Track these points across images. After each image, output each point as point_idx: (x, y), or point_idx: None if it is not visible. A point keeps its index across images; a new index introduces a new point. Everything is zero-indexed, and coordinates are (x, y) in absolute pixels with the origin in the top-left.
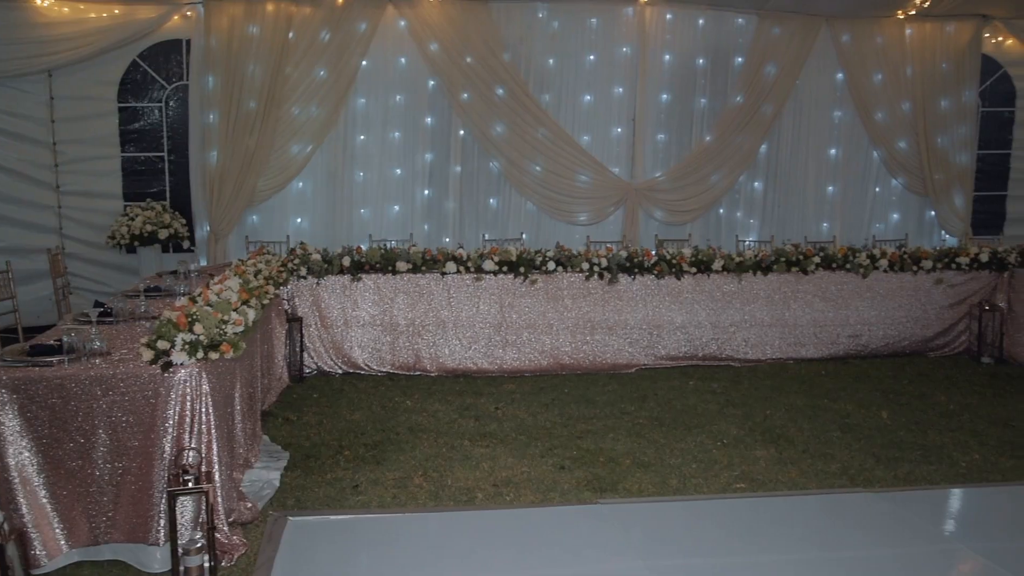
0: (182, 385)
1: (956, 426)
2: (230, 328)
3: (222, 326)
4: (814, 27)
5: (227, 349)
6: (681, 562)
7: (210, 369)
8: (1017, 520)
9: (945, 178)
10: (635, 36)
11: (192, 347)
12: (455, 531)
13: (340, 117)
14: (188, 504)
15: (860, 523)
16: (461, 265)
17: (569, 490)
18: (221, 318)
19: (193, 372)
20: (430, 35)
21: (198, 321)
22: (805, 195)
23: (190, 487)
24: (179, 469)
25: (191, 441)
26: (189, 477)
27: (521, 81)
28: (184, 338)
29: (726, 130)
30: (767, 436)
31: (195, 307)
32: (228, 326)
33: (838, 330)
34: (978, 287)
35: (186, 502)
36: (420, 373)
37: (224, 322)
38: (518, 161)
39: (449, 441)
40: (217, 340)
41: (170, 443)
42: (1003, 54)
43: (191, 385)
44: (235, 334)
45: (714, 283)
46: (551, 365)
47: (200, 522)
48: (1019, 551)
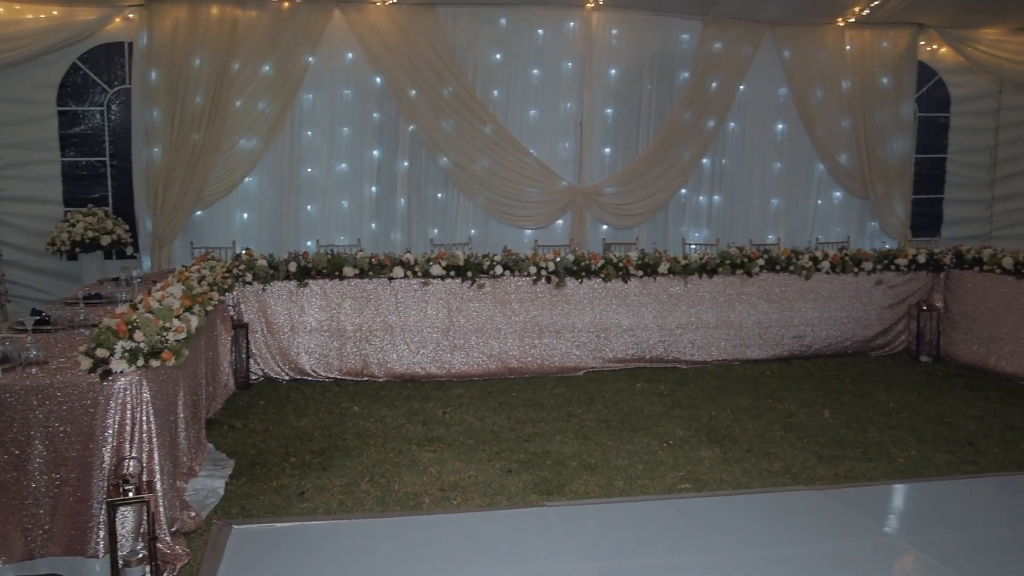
0: (122, 393)
1: (895, 423)
2: (172, 335)
3: (163, 333)
4: (757, 33)
5: (169, 357)
6: (627, 563)
7: (151, 377)
8: (950, 513)
9: (885, 181)
10: (581, 42)
11: (132, 355)
12: (402, 537)
13: (288, 117)
14: (129, 514)
15: (802, 520)
16: (408, 270)
17: (516, 493)
18: (163, 325)
19: (133, 380)
20: (377, 39)
21: (139, 328)
22: (750, 197)
23: (130, 497)
24: (119, 479)
25: (131, 450)
26: (130, 487)
27: (468, 84)
28: (124, 346)
29: (672, 133)
30: (712, 436)
31: (136, 314)
32: (170, 333)
33: (782, 331)
34: (916, 288)
35: (127, 512)
36: (368, 378)
37: (166, 329)
38: (465, 164)
39: (396, 446)
40: (158, 347)
41: (110, 453)
42: (938, 61)
43: (131, 393)
44: (177, 341)
45: (660, 286)
46: (499, 369)
47: (141, 532)
48: (952, 543)
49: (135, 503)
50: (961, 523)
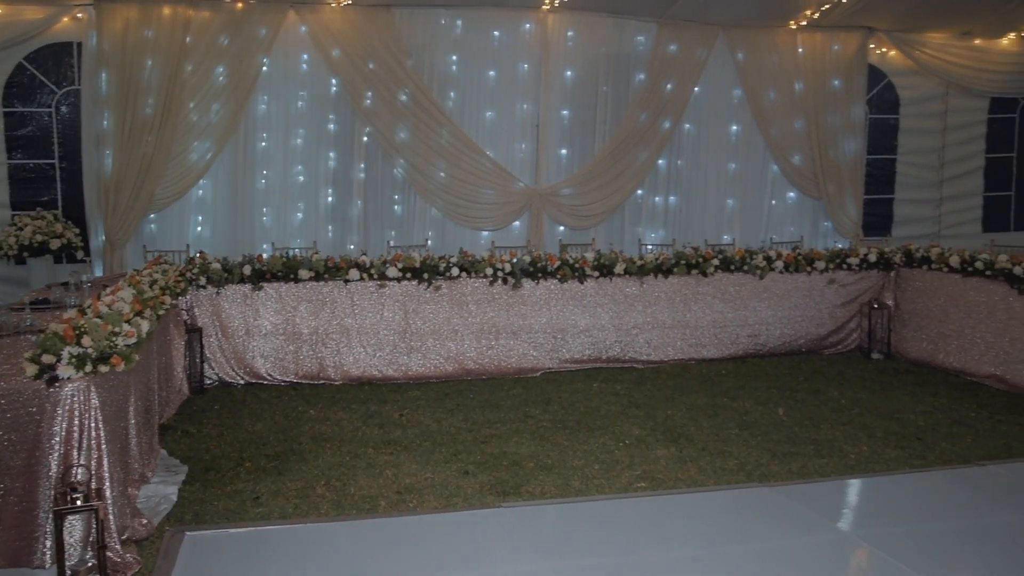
0: (69, 400)
1: (847, 420)
2: (121, 340)
3: (113, 338)
4: (711, 35)
5: (118, 362)
6: (583, 562)
7: (100, 383)
8: (900, 507)
9: (837, 182)
10: (538, 43)
11: (80, 360)
12: (358, 540)
13: (241, 121)
14: (77, 523)
15: (757, 517)
16: (364, 272)
17: (473, 495)
18: (112, 330)
19: (81, 386)
20: (332, 41)
21: (86, 333)
22: (705, 198)
23: (78, 505)
24: (66, 487)
25: (80, 458)
26: (78, 495)
27: (424, 87)
28: (71, 351)
29: (628, 134)
30: (668, 435)
31: (84, 319)
32: (119, 338)
33: (737, 330)
34: (868, 286)
35: (75, 521)
36: (324, 382)
37: (115, 334)
38: (422, 167)
39: (353, 449)
40: (107, 353)
41: (56, 461)
42: (887, 64)
43: (79, 400)
44: (127, 346)
45: (616, 286)
46: (456, 371)
47: (90, 541)
48: (902, 536)
49: (83, 511)
50: (911, 517)
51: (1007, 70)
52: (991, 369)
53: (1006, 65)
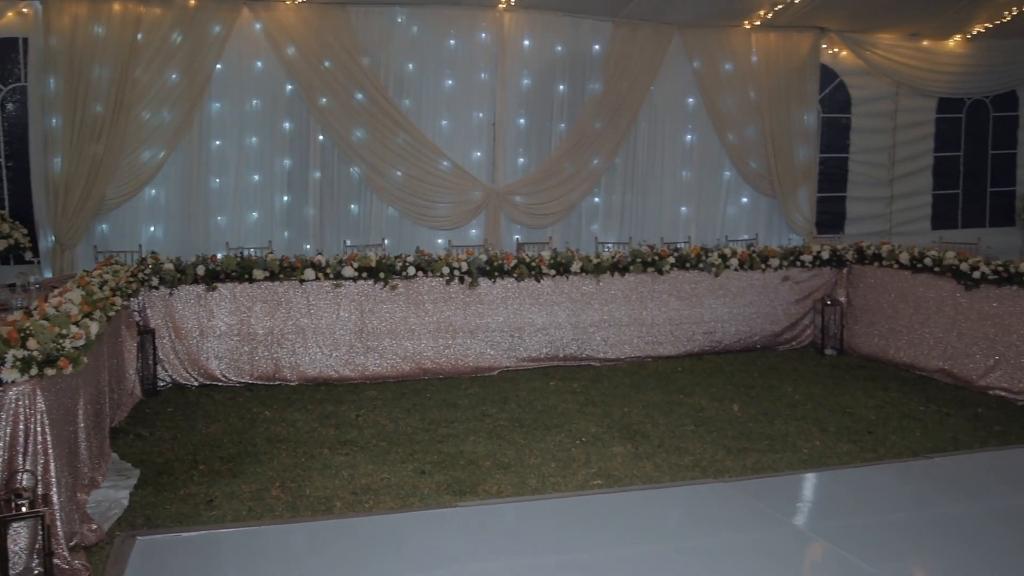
0: (14, 404)
1: (800, 415)
2: (69, 342)
3: (60, 340)
4: (667, 35)
5: (65, 364)
6: (539, 560)
7: (46, 386)
8: (852, 501)
9: (791, 180)
10: (493, 42)
11: (24, 363)
12: (313, 541)
13: (194, 122)
14: (22, 530)
15: (711, 513)
16: (320, 272)
17: (429, 494)
18: (59, 332)
19: (26, 390)
20: (287, 39)
21: (32, 336)
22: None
23: (24, 512)
24: (11, 493)
25: (25, 463)
26: (23, 501)
27: (380, 86)
28: (15, 354)
29: (584, 135)
30: (624, 433)
31: (29, 321)
32: (67, 340)
33: (693, 327)
34: (821, 283)
35: (20, 528)
36: (280, 382)
37: (62, 336)
38: (379, 166)
39: (308, 450)
40: (54, 355)
41: (1, 466)
42: (839, 64)
43: (24, 404)
44: (75, 349)
45: (573, 285)
46: (413, 370)
47: (37, 548)
48: (853, 529)
49: (28, 518)
50: (862, 510)
51: (953, 71)
52: (939, 364)
53: (952, 66)
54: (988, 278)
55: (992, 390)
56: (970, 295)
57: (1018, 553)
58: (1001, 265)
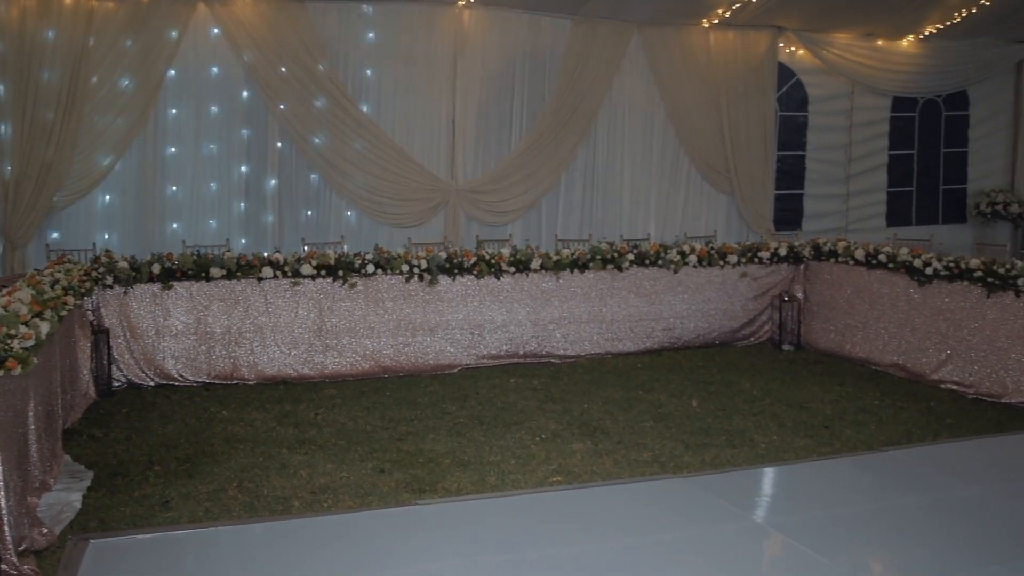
0: None
1: (758, 410)
2: (18, 343)
3: (8, 341)
4: (626, 33)
5: (14, 365)
6: (500, 558)
7: None
8: (809, 494)
9: (749, 178)
10: (453, 39)
11: None
12: (271, 542)
13: (149, 127)
14: None
15: (670, 508)
16: (278, 270)
17: (388, 493)
18: (7, 332)
19: None
20: (245, 38)
21: None
22: (621, 196)
23: None
24: None
25: None
26: None
27: (340, 84)
28: None
29: (544, 132)
30: (584, 429)
31: None
32: (15, 341)
33: (652, 324)
34: (779, 279)
35: None
36: (238, 381)
37: (11, 336)
38: (339, 164)
39: (266, 450)
40: (2, 356)
41: None
42: (796, 63)
43: None
44: (24, 349)
45: (533, 282)
46: (373, 368)
47: None
48: (809, 522)
49: None
50: (819, 503)
51: (907, 70)
52: (894, 358)
53: (906, 65)
54: (940, 274)
55: (944, 384)
56: (923, 291)
57: (968, 543)
58: (952, 261)
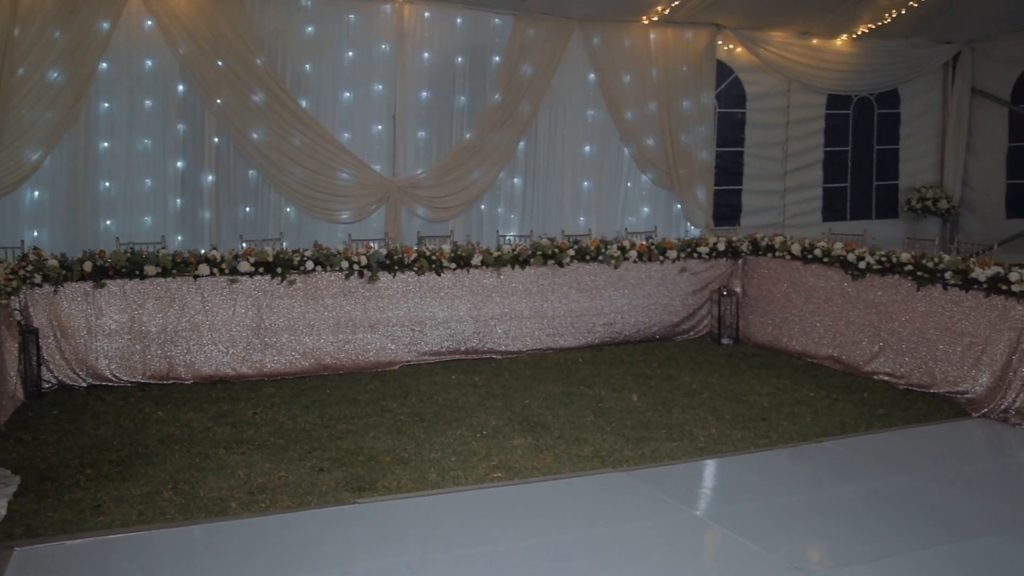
0: None
1: (697, 404)
2: None
3: None
4: (567, 29)
5: None
6: (438, 555)
7: None
8: (746, 486)
9: (689, 173)
10: (394, 34)
11: None
12: (207, 544)
13: (80, 122)
14: None
15: (610, 502)
16: (215, 267)
17: (327, 492)
18: None
19: None
20: (180, 31)
21: None
22: (563, 191)
23: None
24: None
25: None
26: None
27: (278, 78)
28: None
29: (485, 128)
30: (525, 425)
31: None
32: None
33: (594, 319)
34: (717, 274)
35: None
36: (174, 381)
37: None
38: (279, 161)
39: (203, 450)
40: None
41: None
42: (734, 60)
43: None
44: None
45: (474, 278)
46: (313, 366)
47: None
48: (747, 514)
49: None
50: (757, 494)
51: (841, 68)
52: (829, 351)
53: (840, 64)
54: (873, 268)
55: (877, 375)
56: (856, 284)
57: (899, 530)
58: (884, 255)
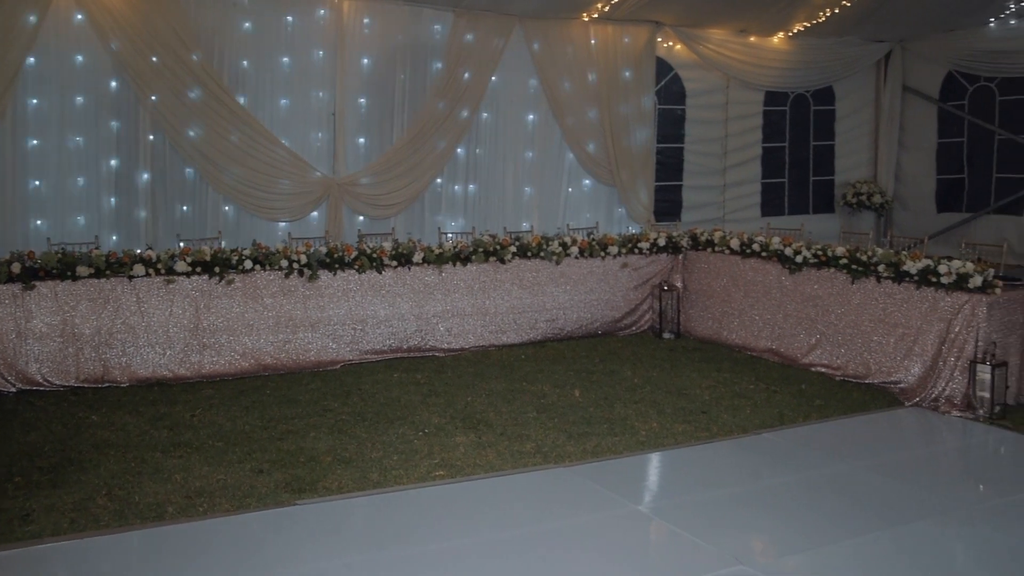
0: None
1: (639, 398)
2: None
3: None
4: (508, 26)
5: None
6: (382, 555)
7: None
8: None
9: (630, 170)
10: (333, 30)
11: None
12: (143, 551)
13: (7, 119)
14: None
15: (552, 498)
16: (150, 267)
17: (267, 494)
18: None
19: None
20: (113, 25)
21: None
22: (504, 189)
23: None
24: None
25: None
26: None
27: (215, 74)
28: None
29: (426, 126)
30: (467, 422)
31: None
32: None
33: (536, 315)
34: (658, 269)
35: None
36: (109, 384)
37: None
38: (214, 157)
39: (139, 455)
40: None
41: None
42: (674, 57)
43: None
44: None
45: (415, 276)
46: (252, 367)
47: None
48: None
49: None
50: (697, 487)
51: (778, 66)
52: (768, 344)
53: (777, 61)
54: (809, 262)
55: (814, 367)
56: (794, 278)
57: (835, 517)
58: (820, 249)
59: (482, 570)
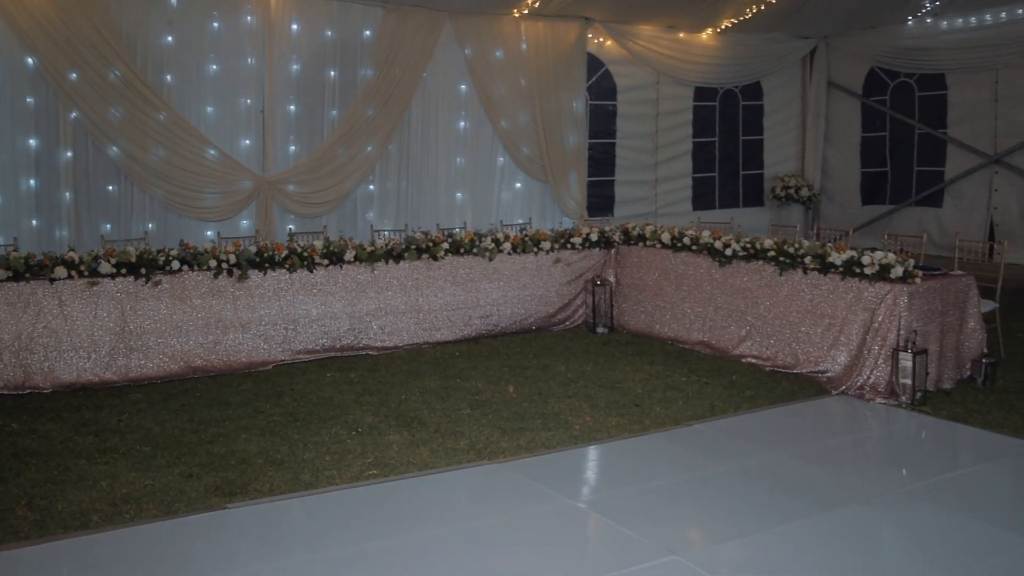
0: None
1: (573, 393)
2: None
3: None
4: (438, 22)
5: None
6: (311, 557)
7: None
8: (620, 472)
9: (562, 164)
10: (261, 27)
11: None
12: (66, 561)
13: None
14: None
15: (486, 494)
16: (73, 269)
17: (196, 498)
18: None
19: None
20: (25, 13)
21: None
22: (437, 186)
23: None
24: None
25: None
26: None
27: (138, 70)
28: None
29: (356, 123)
30: (401, 420)
31: None
32: None
33: (469, 312)
34: (591, 264)
35: None
36: (31, 391)
37: None
38: (138, 155)
39: (62, 462)
40: None
41: None
42: (604, 53)
43: None
44: None
45: (347, 274)
46: (182, 369)
47: None
48: (621, 499)
49: None
50: (631, 480)
51: (707, 62)
52: (699, 336)
53: (706, 57)
54: (738, 255)
55: (745, 358)
56: (724, 271)
57: (765, 506)
58: (749, 242)
59: (418, 568)
